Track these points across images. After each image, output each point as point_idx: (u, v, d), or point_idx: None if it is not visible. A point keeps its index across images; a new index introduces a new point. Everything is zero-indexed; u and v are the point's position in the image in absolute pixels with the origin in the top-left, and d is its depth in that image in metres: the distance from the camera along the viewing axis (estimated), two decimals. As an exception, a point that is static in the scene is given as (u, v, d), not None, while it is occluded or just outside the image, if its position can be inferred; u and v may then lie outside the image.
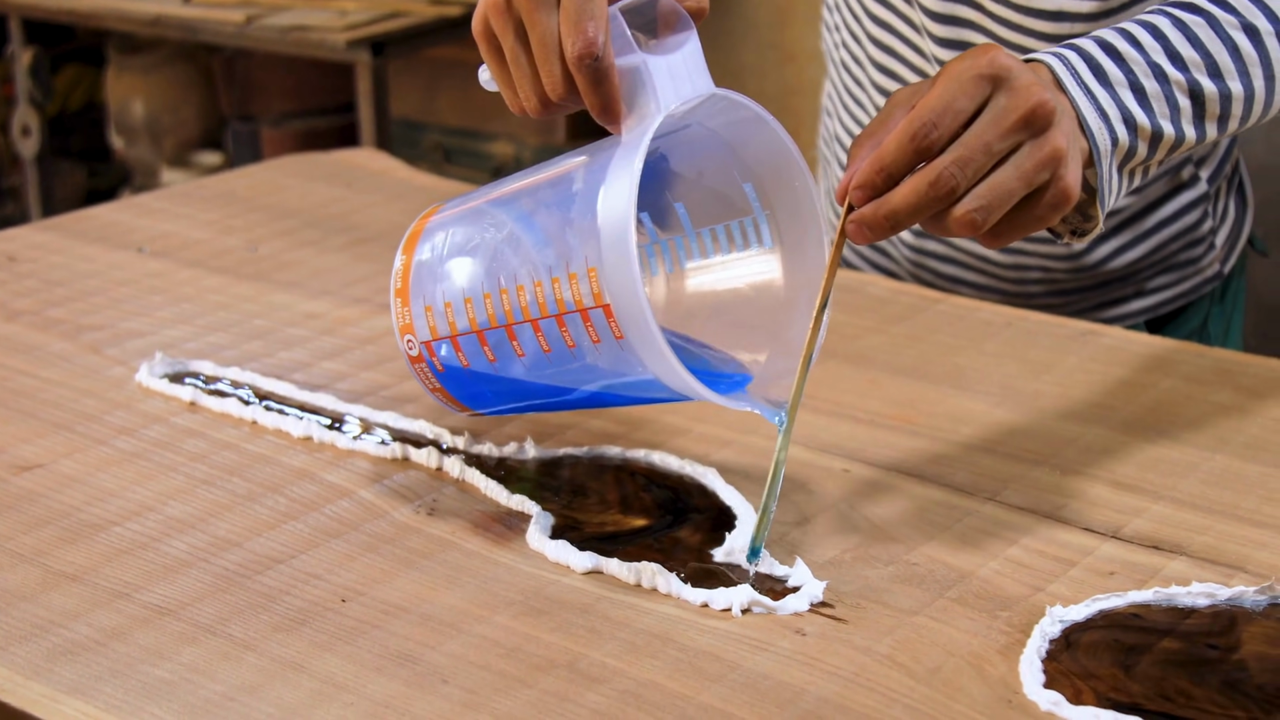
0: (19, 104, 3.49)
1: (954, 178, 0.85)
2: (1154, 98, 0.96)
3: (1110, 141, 0.94)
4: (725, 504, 0.98)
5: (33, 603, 0.88)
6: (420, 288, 0.92)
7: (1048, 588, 0.89)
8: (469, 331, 0.90)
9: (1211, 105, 0.98)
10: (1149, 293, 1.37)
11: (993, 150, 0.86)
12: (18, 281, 1.37)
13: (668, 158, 0.93)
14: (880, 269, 1.44)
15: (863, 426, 1.09)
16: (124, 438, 1.08)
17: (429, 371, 0.94)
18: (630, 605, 0.88)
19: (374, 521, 0.97)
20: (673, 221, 0.95)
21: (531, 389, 0.91)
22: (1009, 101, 0.86)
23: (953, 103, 0.86)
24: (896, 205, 0.86)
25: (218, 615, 0.87)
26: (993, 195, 0.86)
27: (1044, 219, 0.89)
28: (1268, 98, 1.01)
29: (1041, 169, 0.87)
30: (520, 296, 0.87)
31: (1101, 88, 0.94)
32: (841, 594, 0.88)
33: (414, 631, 0.85)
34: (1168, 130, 0.96)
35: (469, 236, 0.90)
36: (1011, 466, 1.03)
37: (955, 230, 0.87)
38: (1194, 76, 0.98)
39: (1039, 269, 1.36)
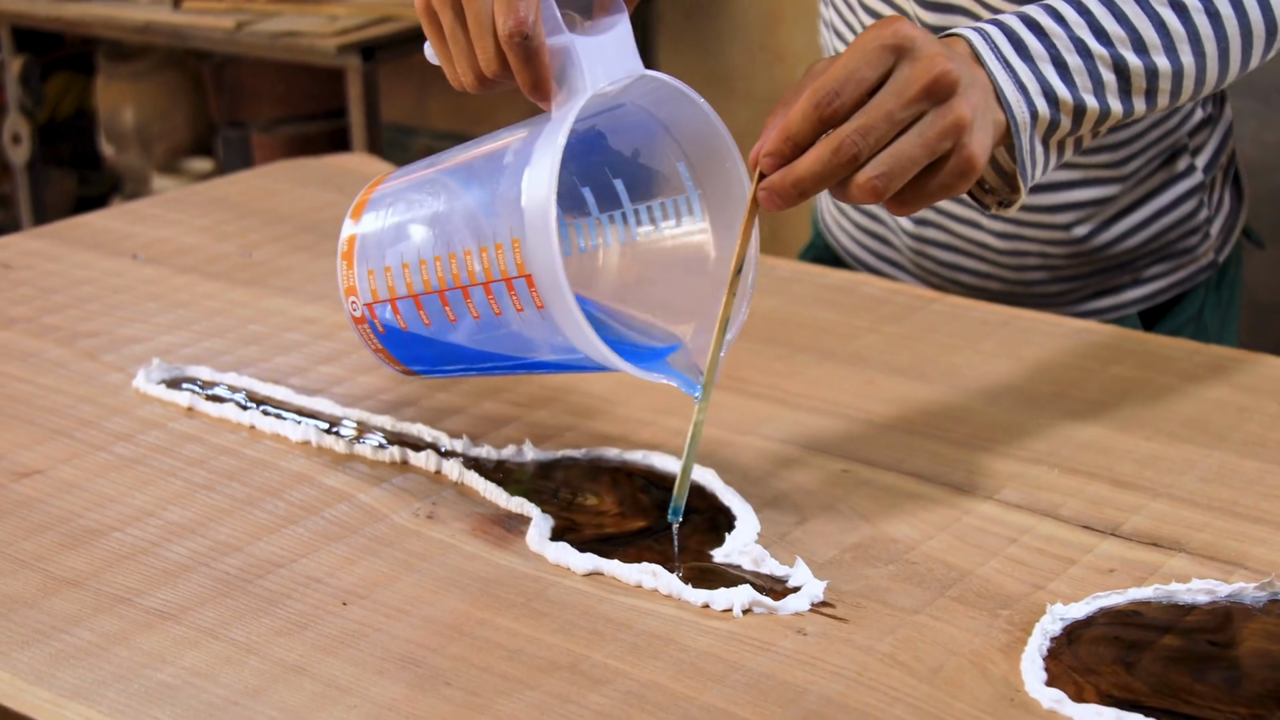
0: (9, 112, 3.48)
1: (855, 145, 0.87)
2: (1076, 72, 0.97)
3: (1029, 114, 0.95)
4: (724, 504, 0.98)
5: (34, 608, 0.88)
6: (364, 253, 0.95)
7: (1048, 586, 0.89)
8: (406, 296, 0.93)
9: (1138, 80, 0.99)
10: (1145, 281, 1.38)
11: (895, 119, 0.88)
12: (12, 289, 1.37)
13: (606, 135, 0.96)
14: (883, 258, 1.45)
15: (860, 426, 1.09)
16: (122, 443, 1.08)
17: (371, 333, 0.97)
18: (631, 606, 0.88)
19: (374, 525, 0.97)
20: (613, 196, 0.97)
21: (465, 353, 0.94)
22: (911, 71, 0.88)
23: (855, 72, 0.88)
24: (802, 172, 0.88)
25: (219, 619, 0.87)
26: (894, 163, 0.88)
27: (950, 187, 0.91)
28: (1199, 74, 1.02)
29: (944, 137, 0.89)
30: (452, 265, 0.90)
31: (1022, 61, 0.95)
32: (842, 593, 0.89)
33: (416, 634, 0.85)
34: (1091, 104, 0.97)
35: (409, 205, 0.94)
36: (1009, 465, 1.03)
37: (858, 197, 0.89)
38: (1119, 51, 0.98)
39: (1037, 255, 1.36)
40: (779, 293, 1.33)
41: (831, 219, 1.51)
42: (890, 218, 1.42)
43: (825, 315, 1.29)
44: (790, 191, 0.89)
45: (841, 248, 1.50)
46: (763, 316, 1.28)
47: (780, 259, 1.45)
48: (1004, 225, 1.36)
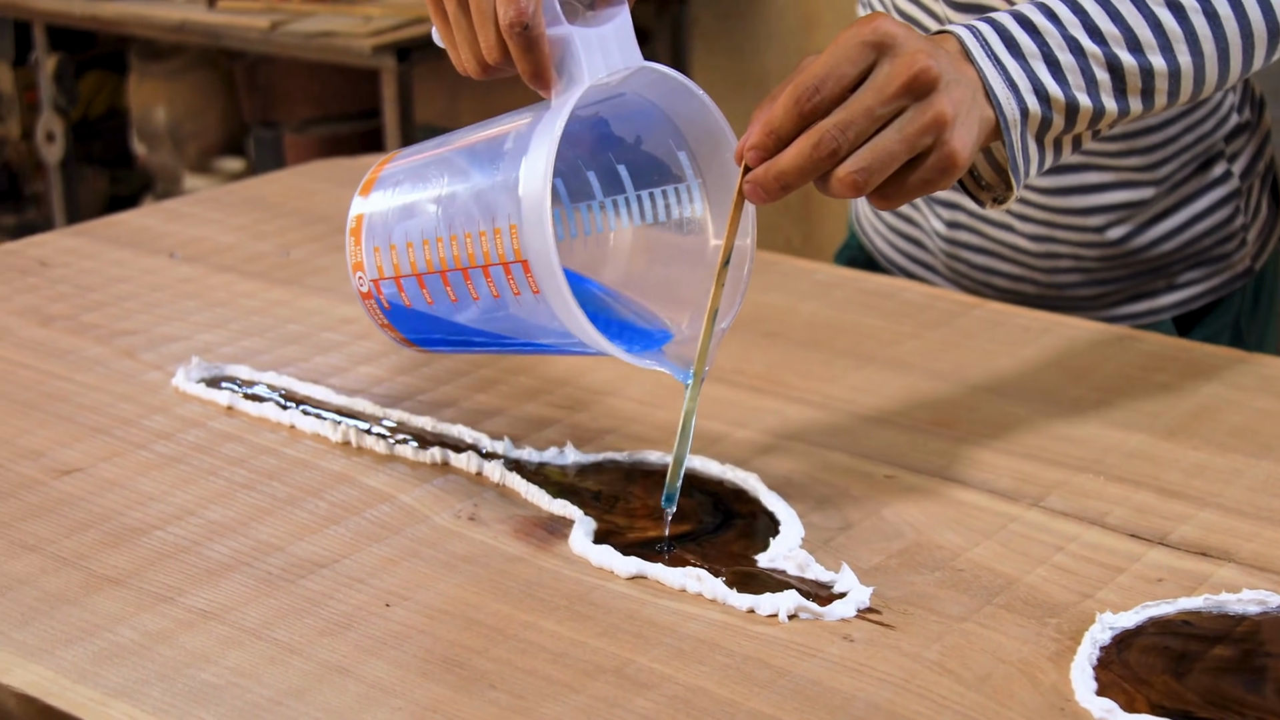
0: (43, 110, 3.49)
1: (835, 140, 0.88)
2: (1068, 70, 0.97)
3: (1019, 111, 0.95)
4: (768, 509, 0.98)
5: (77, 606, 0.88)
6: (371, 230, 0.97)
7: (1096, 594, 0.88)
8: (410, 274, 0.95)
9: (1132, 79, 0.98)
10: (1180, 286, 1.38)
11: (875, 114, 0.89)
12: (50, 287, 1.37)
13: (609, 122, 0.97)
14: (918, 261, 1.45)
15: (903, 432, 1.08)
16: (162, 442, 1.08)
17: (376, 308, 0.98)
18: (676, 611, 0.87)
19: (415, 526, 0.97)
20: (616, 182, 0.99)
21: (467, 332, 0.96)
22: (892, 68, 0.89)
23: (836, 68, 0.89)
24: (784, 166, 0.89)
25: (262, 619, 0.86)
26: (874, 158, 0.89)
27: (932, 182, 0.91)
28: (1197, 74, 1.01)
29: (924, 133, 0.89)
30: (454, 246, 0.92)
31: (1013, 59, 0.95)
32: (888, 600, 0.88)
33: (459, 636, 0.85)
34: (1084, 102, 0.97)
35: (415, 185, 0.96)
36: (1055, 472, 1.02)
37: (839, 190, 0.89)
38: (1112, 50, 0.98)
39: (1071, 257, 1.36)
40: (818, 297, 1.33)
41: (867, 222, 1.51)
42: (925, 221, 1.42)
43: (866, 320, 1.28)
44: (773, 185, 0.90)
45: (876, 250, 1.49)
46: (802, 321, 1.28)
47: (819, 263, 1.44)
48: (1037, 228, 1.35)
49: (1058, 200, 1.34)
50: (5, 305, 1.33)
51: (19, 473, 1.03)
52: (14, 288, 1.37)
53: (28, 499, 1.00)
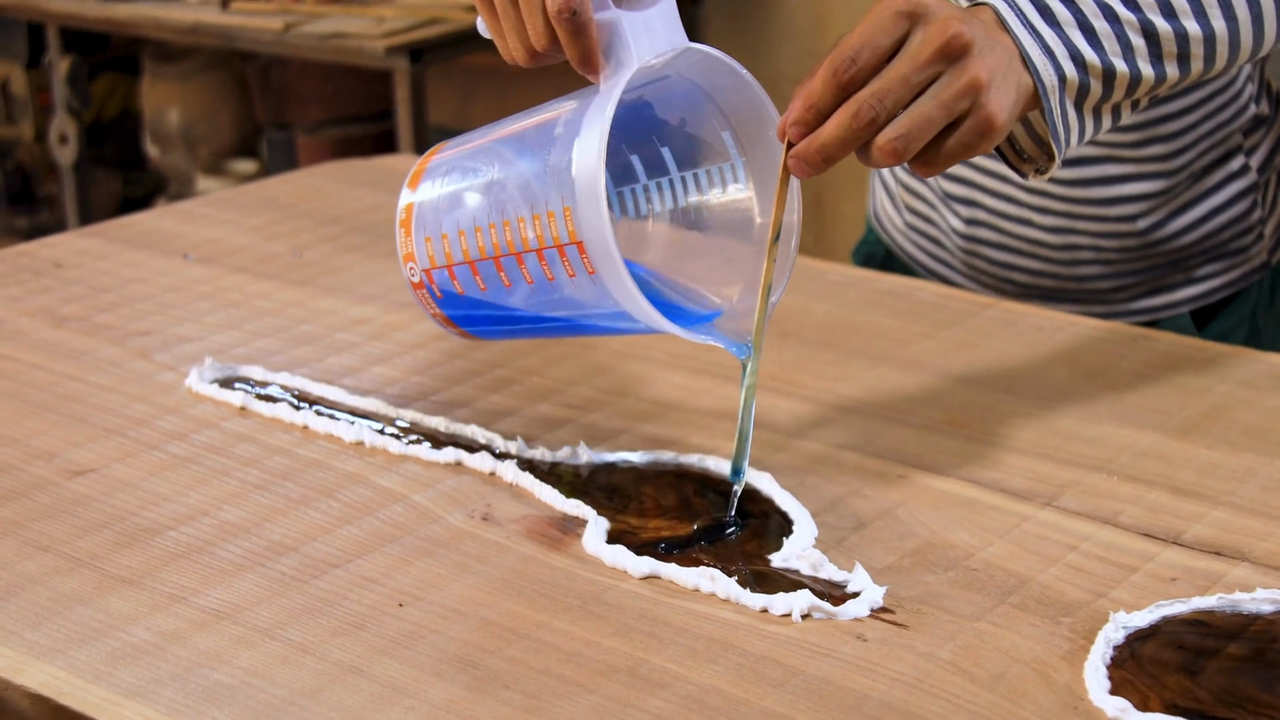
0: (56, 112, 3.50)
1: (873, 109, 0.90)
2: (1104, 36, 0.97)
3: (1057, 78, 0.96)
4: (781, 509, 0.97)
5: (91, 606, 0.88)
6: (421, 220, 0.98)
7: (1109, 594, 0.88)
8: (462, 262, 0.96)
9: (1168, 44, 0.99)
10: (1198, 280, 1.38)
11: (911, 82, 0.90)
12: (64, 288, 1.37)
13: (653, 105, 0.99)
14: (935, 258, 1.45)
15: (917, 432, 1.08)
16: (176, 442, 1.08)
17: (429, 298, 1.00)
18: (689, 610, 0.87)
19: (429, 526, 0.97)
20: (661, 164, 1.00)
21: (520, 316, 0.97)
22: (925, 35, 0.91)
23: (870, 39, 0.91)
24: (825, 139, 0.91)
25: (275, 619, 0.87)
26: (912, 124, 0.90)
27: (972, 146, 0.93)
28: (1232, 38, 1.02)
29: (961, 98, 0.91)
30: (506, 231, 0.93)
31: (1048, 27, 0.96)
32: (901, 599, 0.88)
33: (473, 636, 0.85)
34: (1121, 68, 0.98)
35: (464, 174, 0.97)
36: (1068, 472, 1.02)
37: (879, 160, 0.91)
38: (1146, 16, 0.98)
39: (1090, 249, 1.36)
40: (832, 297, 1.33)
41: (885, 217, 1.51)
42: (942, 219, 1.42)
43: (880, 320, 1.28)
44: (816, 158, 0.91)
45: (896, 245, 1.50)
46: (816, 320, 1.28)
47: (833, 263, 1.44)
48: (1057, 220, 1.36)
49: (1078, 191, 1.34)
50: (19, 306, 1.33)
51: (32, 473, 1.04)
52: (28, 289, 1.37)
53: (41, 499, 1.00)
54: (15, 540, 0.95)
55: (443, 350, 1.23)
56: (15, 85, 3.76)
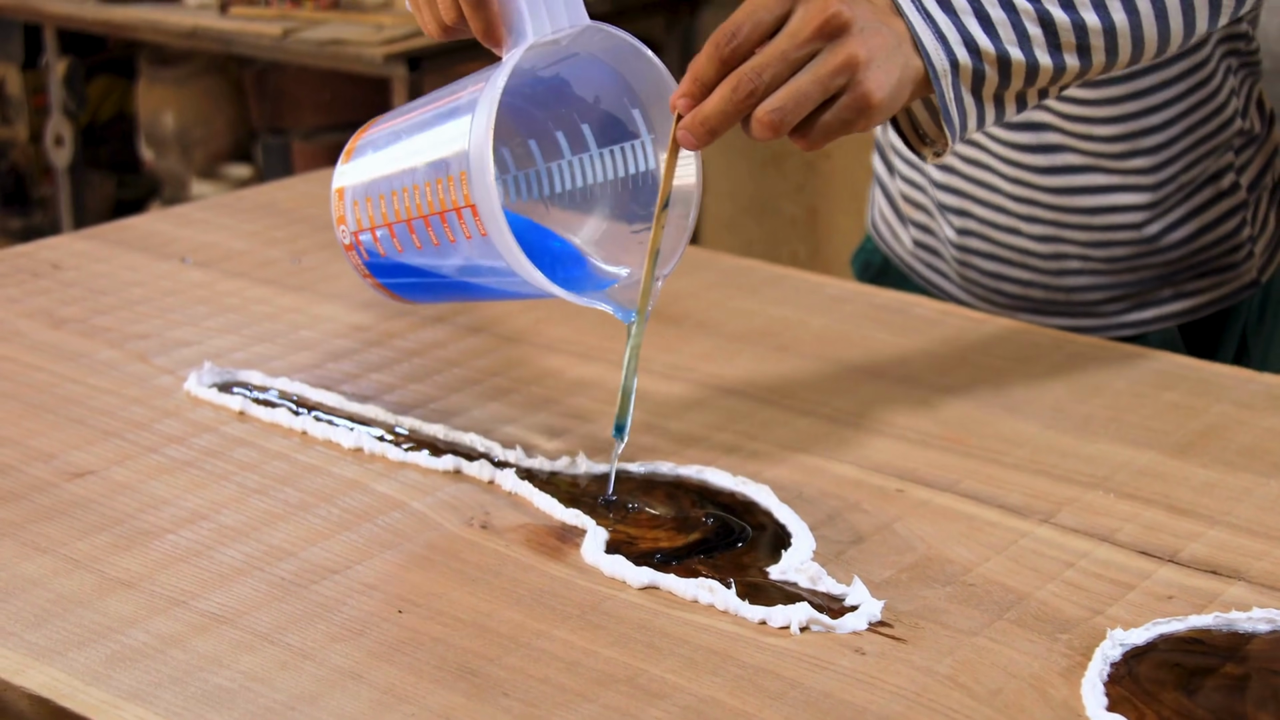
0: (52, 114, 3.50)
1: (751, 82, 0.93)
2: (1000, 24, 1.00)
3: (949, 62, 0.99)
4: (780, 521, 0.98)
5: (90, 609, 0.88)
6: (351, 186, 1.04)
7: (1106, 611, 0.89)
8: (383, 225, 1.02)
9: (1065, 34, 1.01)
10: (1186, 295, 1.38)
11: (789, 58, 0.94)
12: (62, 289, 1.37)
13: (570, 82, 1.04)
14: (932, 268, 1.47)
15: (915, 447, 1.09)
16: (174, 446, 1.08)
17: (359, 259, 1.05)
18: (688, 621, 0.87)
19: (428, 533, 0.97)
20: (583, 140, 1.05)
21: (434, 277, 1.03)
22: (805, 13, 0.94)
23: (753, 15, 0.95)
24: (708, 111, 0.94)
25: (275, 624, 0.87)
26: (788, 98, 0.94)
27: (850, 122, 0.96)
28: (1135, 32, 1.03)
29: (837, 74, 0.94)
30: (417, 195, 0.99)
31: (943, 13, 0.99)
32: (899, 613, 0.88)
33: (472, 644, 0.85)
34: (1016, 55, 1.00)
35: (388, 144, 1.02)
36: (1065, 489, 1.03)
37: (759, 131, 0.94)
38: (1044, 6, 1.01)
39: (1078, 259, 1.37)
40: (829, 311, 1.33)
41: (885, 227, 1.52)
42: (940, 229, 1.43)
43: (876, 335, 1.28)
44: (700, 129, 0.95)
45: (893, 253, 1.51)
46: (813, 335, 1.28)
47: (830, 278, 1.44)
48: (1045, 229, 1.37)
49: (1065, 200, 1.35)
50: (17, 307, 1.33)
51: (31, 475, 1.04)
52: (25, 290, 1.37)
53: (40, 501, 1.00)
54: (14, 541, 0.95)
55: (441, 358, 1.23)
56: (11, 86, 3.76)
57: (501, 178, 1.06)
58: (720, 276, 1.42)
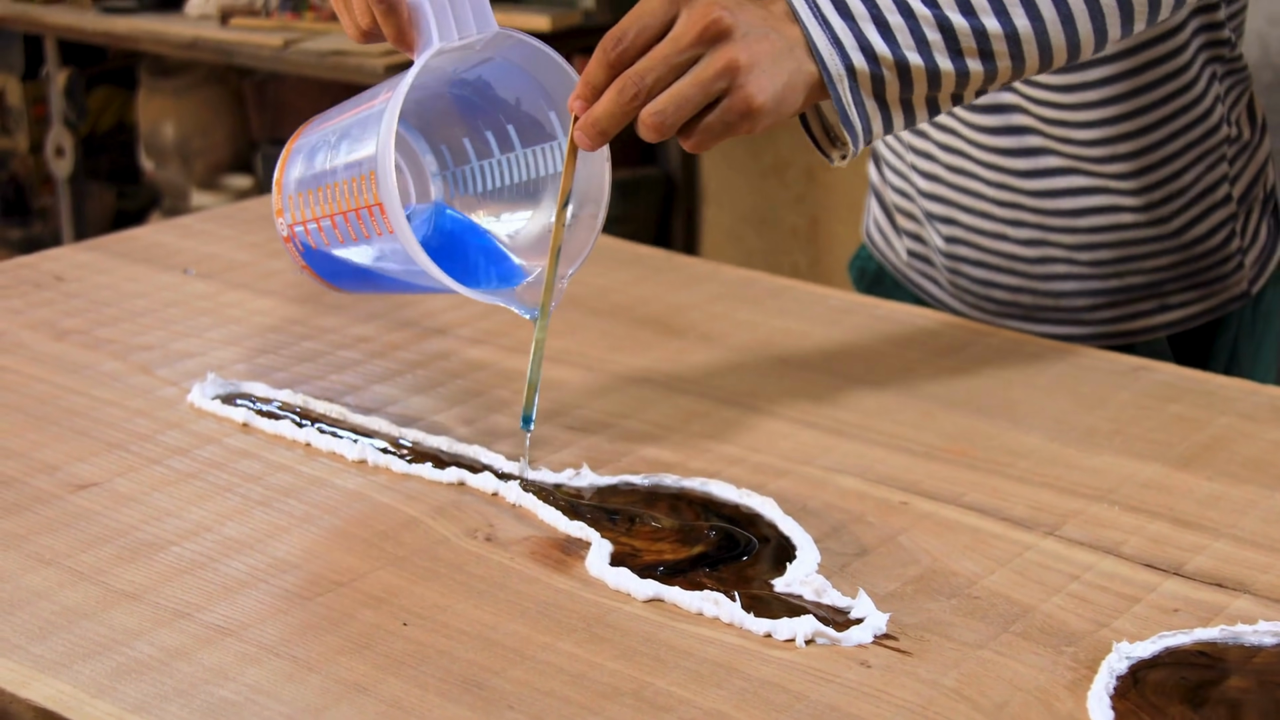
0: (53, 124, 3.50)
1: (635, 85, 0.97)
2: (897, 30, 1.02)
3: (844, 68, 1.01)
4: (784, 534, 0.98)
5: (94, 621, 0.88)
6: (288, 182, 1.08)
7: (1112, 624, 0.89)
8: (312, 219, 1.06)
9: (965, 40, 1.03)
10: (1174, 306, 1.39)
11: (671, 62, 0.97)
12: (65, 301, 1.38)
13: (492, 85, 1.08)
14: (925, 275, 1.48)
15: (919, 459, 1.09)
16: (178, 458, 1.08)
17: (295, 250, 1.10)
18: (693, 634, 0.87)
19: (433, 546, 0.97)
20: (508, 140, 1.10)
21: (357, 268, 1.06)
22: (687, 19, 0.98)
23: (638, 21, 0.98)
24: (598, 113, 0.98)
25: (280, 636, 0.87)
26: (670, 101, 0.97)
27: (734, 125, 0.99)
28: (1040, 37, 1.04)
29: (717, 79, 0.97)
30: (337, 192, 1.03)
31: (841, 19, 1.01)
32: (905, 626, 0.88)
33: (478, 656, 0.85)
34: (914, 60, 1.02)
35: (318, 143, 1.07)
36: (1070, 501, 1.03)
37: (644, 132, 0.98)
38: (943, 12, 1.02)
39: (1065, 262, 1.38)
40: (832, 323, 1.33)
41: (879, 235, 1.53)
42: (930, 238, 1.44)
43: (879, 347, 1.28)
44: (592, 130, 0.98)
45: (887, 261, 1.52)
46: (815, 346, 1.28)
47: (832, 289, 1.44)
48: (1030, 232, 1.38)
49: (1047, 203, 1.36)
50: (20, 319, 1.33)
51: (36, 486, 1.04)
52: (28, 301, 1.37)
53: (44, 513, 1.00)
54: (19, 553, 0.95)
55: (444, 369, 1.23)
56: (11, 97, 3.76)
57: (442, 173, 1.12)
58: (723, 288, 1.42)
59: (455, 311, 1.35)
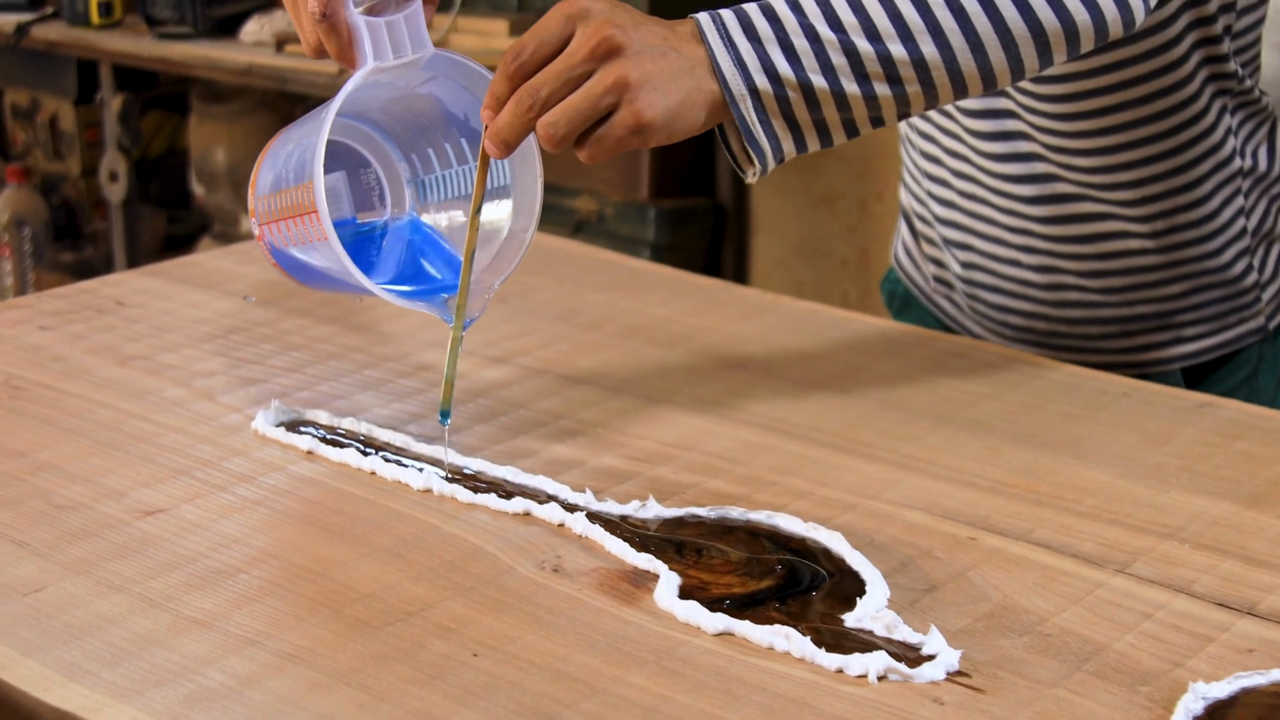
0: (107, 149, 3.52)
1: (530, 98, 1.02)
2: (802, 53, 1.05)
3: (746, 88, 1.05)
4: (853, 568, 0.97)
5: (165, 648, 0.88)
6: (259, 185, 1.14)
7: (1186, 663, 0.88)
8: (271, 220, 1.11)
9: (871, 64, 1.06)
10: (1189, 339, 1.38)
11: (564, 77, 1.02)
12: (127, 326, 1.38)
13: (443, 100, 1.14)
14: (950, 300, 1.49)
15: (985, 494, 1.08)
16: (244, 485, 1.08)
17: (266, 249, 1.15)
18: (764, 669, 0.87)
19: (500, 576, 0.96)
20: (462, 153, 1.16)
21: (310, 268, 1.11)
22: (581, 35, 1.02)
23: (537, 37, 1.03)
24: (500, 124, 1.03)
25: (350, 665, 0.86)
26: (560, 114, 1.02)
27: (623, 139, 1.04)
28: (950, 65, 1.07)
29: (606, 94, 1.02)
30: (288, 198, 1.08)
31: (747, 41, 1.05)
32: (977, 663, 0.87)
33: (549, 688, 0.84)
34: (819, 82, 1.05)
35: (279, 147, 1.12)
36: (1139, 539, 1.02)
37: (541, 143, 1.04)
38: (849, 37, 1.05)
39: (1076, 288, 1.38)
40: (893, 355, 1.33)
41: (907, 260, 1.54)
42: (950, 263, 1.45)
43: (941, 380, 1.28)
44: (496, 140, 1.04)
45: (915, 285, 1.53)
46: (878, 379, 1.28)
47: (891, 321, 1.44)
48: (1042, 259, 1.38)
49: (1057, 229, 1.36)
50: (82, 344, 1.34)
51: (103, 512, 1.04)
52: (91, 326, 1.38)
53: (113, 539, 1.00)
54: (89, 579, 0.95)
55: (506, 399, 1.23)
56: (64, 121, 3.79)
57: (414, 180, 1.19)
58: (783, 320, 1.41)
59: (515, 341, 1.35)
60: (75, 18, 3.32)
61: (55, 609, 0.92)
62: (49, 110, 3.80)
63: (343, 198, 1.18)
